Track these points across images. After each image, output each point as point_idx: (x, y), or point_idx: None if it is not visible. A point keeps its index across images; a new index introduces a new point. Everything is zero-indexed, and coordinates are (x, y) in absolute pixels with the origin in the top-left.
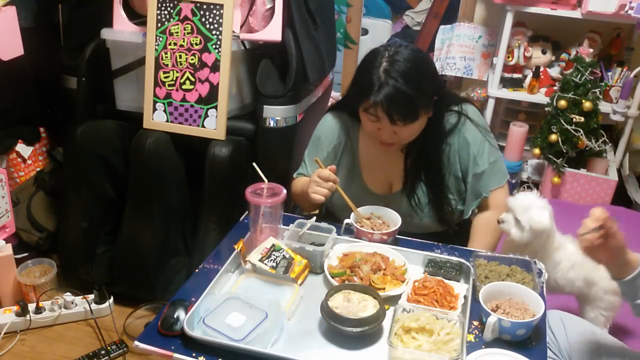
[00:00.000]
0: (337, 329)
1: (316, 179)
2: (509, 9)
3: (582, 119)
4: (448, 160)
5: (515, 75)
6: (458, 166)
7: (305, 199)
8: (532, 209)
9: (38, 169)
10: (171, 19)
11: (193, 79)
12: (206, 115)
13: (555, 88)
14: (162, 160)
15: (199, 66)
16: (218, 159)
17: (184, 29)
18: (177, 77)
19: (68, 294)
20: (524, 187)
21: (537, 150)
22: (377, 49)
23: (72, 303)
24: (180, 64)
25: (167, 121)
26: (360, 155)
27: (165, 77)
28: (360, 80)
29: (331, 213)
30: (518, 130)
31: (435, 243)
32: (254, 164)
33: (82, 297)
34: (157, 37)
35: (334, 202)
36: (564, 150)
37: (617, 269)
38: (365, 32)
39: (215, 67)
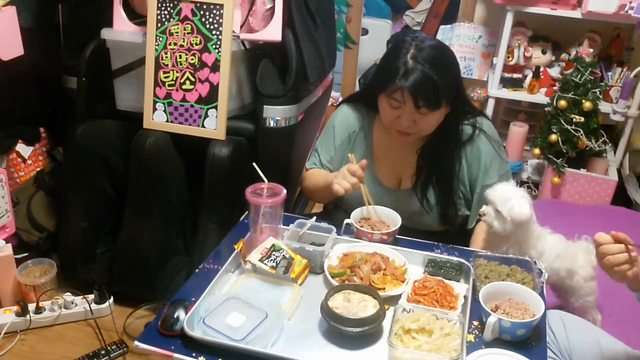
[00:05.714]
0: (337, 329)
1: (344, 171)
2: (509, 9)
3: (582, 119)
4: (459, 167)
5: (515, 75)
6: (467, 175)
7: (320, 191)
8: (511, 200)
9: (38, 169)
10: (171, 19)
11: (193, 79)
12: (206, 115)
13: (555, 88)
14: (162, 160)
15: (199, 66)
16: (218, 159)
17: (184, 29)
18: (177, 77)
19: (68, 294)
20: (524, 187)
21: (537, 150)
22: (404, 39)
23: (72, 303)
24: (180, 64)
25: (167, 121)
26: (373, 146)
27: (165, 77)
28: (387, 65)
29: (331, 212)
30: (518, 130)
31: (435, 243)
32: (254, 164)
33: (82, 297)
34: (157, 37)
35: (346, 198)
36: (564, 150)
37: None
38: (365, 32)
39: (215, 67)
